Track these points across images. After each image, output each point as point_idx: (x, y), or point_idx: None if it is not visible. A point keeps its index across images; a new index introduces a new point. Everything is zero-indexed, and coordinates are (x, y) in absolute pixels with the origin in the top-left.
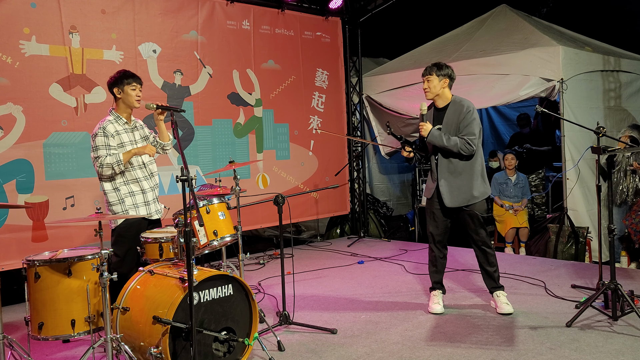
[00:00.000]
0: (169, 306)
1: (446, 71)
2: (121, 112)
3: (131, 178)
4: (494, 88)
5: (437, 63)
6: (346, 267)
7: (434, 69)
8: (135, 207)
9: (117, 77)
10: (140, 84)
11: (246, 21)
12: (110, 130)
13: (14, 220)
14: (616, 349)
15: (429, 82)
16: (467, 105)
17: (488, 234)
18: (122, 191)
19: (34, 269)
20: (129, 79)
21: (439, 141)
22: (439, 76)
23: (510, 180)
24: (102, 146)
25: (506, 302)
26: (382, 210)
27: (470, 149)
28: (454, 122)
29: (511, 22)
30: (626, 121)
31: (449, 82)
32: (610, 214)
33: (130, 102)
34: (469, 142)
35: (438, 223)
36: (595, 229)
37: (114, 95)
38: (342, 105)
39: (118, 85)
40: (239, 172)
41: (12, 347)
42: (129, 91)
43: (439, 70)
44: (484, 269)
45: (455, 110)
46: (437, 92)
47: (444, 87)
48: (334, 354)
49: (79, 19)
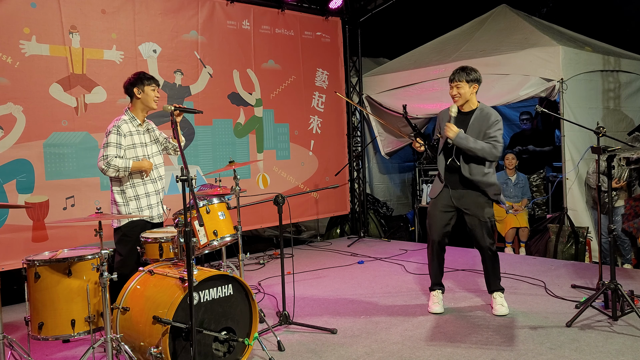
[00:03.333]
0: (169, 306)
1: (474, 75)
2: (137, 113)
3: (138, 181)
4: (494, 88)
5: (464, 67)
6: (346, 267)
7: (463, 75)
8: (140, 210)
9: (136, 78)
10: (158, 86)
11: (246, 21)
12: (124, 130)
13: (14, 220)
14: (616, 349)
15: (458, 89)
16: (495, 115)
17: (493, 241)
18: (128, 194)
19: (34, 269)
20: (149, 80)
21: (465, 143)
22: (468, 82)
23: (510, 180)
24: (114, 144)
25: (501, 304)
26: (382, 210)
27: (496, 154)
28: (479, 129)
29: (511, 22)
30: (624, 121)
31: (478, 87)
32: (611, 214)
33: (149, 103)
34: (496, 147)
35: (440, 224)
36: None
37: (133, 95)
38: (342, 105)
39: (138, 86)
40: (240, 172)
41: (12, 347)
42: (149, 91)
43: (468, 76)
44: (487, 272)
45: (481, 117)
46: (467, 98)
47: (473, 92)
48: (334, 354)
49: (79, 19)
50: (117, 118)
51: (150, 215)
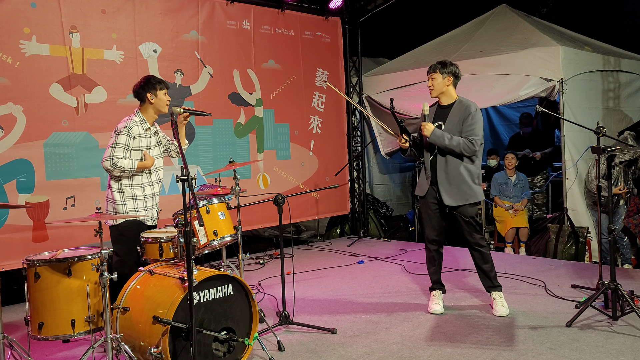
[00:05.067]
0: (169, 306)
1: (450, 69)
2: (147, 116)
3: (137, 183)
4: (494, 88)
5: (442, 61)
6: (346, 267)
7: (438, 67)
8: (136, 210)
9: (146, 81)
10: (168, 88)
11: (246, 21)
12: (134, 132)
13: (15, 220)
14: (616, 349)
15: (433, 80)
16: (473, 106)
17: (483, 235)
18: (126, 193)
19: (34, 269)
20: (161, 84)
21: (441, 141)
22: (442, 74)
23: (510, 180)
24: (122, 145)
25: (502, 305)
26: (382, 210)
27: (472, 149)
28: (458, 121)
29: (511, 22)
30: (624, 121)
31: (454, 80)
32: (611, 214)
33: (161, 108)
34: (472, 141)
35: (433, 222)
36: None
37: (145, 100)
38: (342, 105)
39: (151, 91)
40: (240, 172)
41: (12, 347)
42: (161, 96)
43: (443, 68)
44: (480, 268)
45: (459, 110)
46: (441, 90)
47: (448, 84)
48: (334, 354)
49: (79, 19)
50: (128, 118)
51: (145, 219)
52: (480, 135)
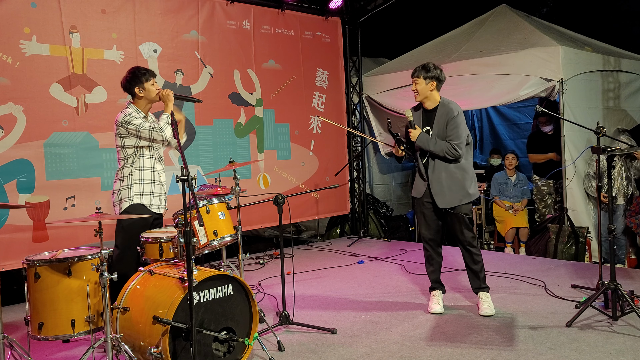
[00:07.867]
0: (169, 306)
1: (433, 73)
2: (141, 107)
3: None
4: (493, 88)
5: (424, 65)
6: (346, 267)
7: (421, 72)
8: (141, 195)
9: (131, 76)
10: (155, 77)
11: (246, 21)
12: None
13: (15, 221)
14: (616, 349)
15: (416, 85)
16: (454, 108)
17: (474, 234)
18: (134, 176)
19: (33, 269)
20: (146, 75)
21: (425, 146)
22: (425, 79)
23: (510, 180)
24: (140, 119)
25: (487, 305)
26: (382, 210)
27: (455, 153)
28: (443, 124)
29: (511, 22)
30: (624, 121)
31: (437, 84)
32: (611, 213)
33: (152, 98)
34: (455, 147)
35: (429, 223)
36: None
37: (134, 95)
38: (342, 105)
39: (138, 85)
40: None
41: (12, 347)
42: (149, 87)
43: (426, 73)
44: (470, 268)
45: (443, 112)
46: (425, 95)
47: (432, 89)
48: (334, 354)
49: (79, 19)
50: (123, 110)
51: (151, 203)
52: (462, 138)
